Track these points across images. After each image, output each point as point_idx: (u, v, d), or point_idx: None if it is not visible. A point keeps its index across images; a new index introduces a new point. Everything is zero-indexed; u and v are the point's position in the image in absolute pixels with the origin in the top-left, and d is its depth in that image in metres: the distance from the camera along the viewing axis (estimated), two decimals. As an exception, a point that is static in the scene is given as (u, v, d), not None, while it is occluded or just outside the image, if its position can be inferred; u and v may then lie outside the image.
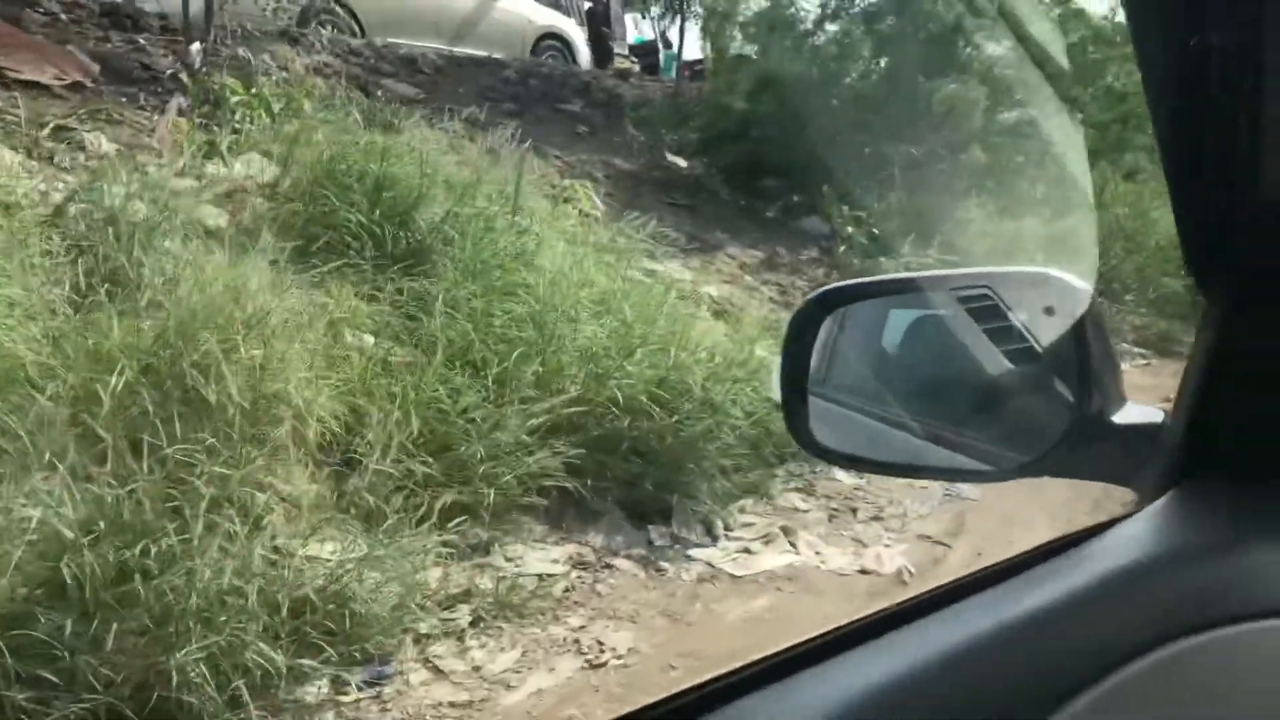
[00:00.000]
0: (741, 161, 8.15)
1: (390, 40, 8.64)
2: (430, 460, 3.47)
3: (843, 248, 7.41)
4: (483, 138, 6.01)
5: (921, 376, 1.08)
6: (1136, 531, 0.74)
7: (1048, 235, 7.18)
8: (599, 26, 12.84)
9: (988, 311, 0.96)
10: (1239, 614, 0.66)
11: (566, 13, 11.79)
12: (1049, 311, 0.90)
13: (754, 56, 8.88)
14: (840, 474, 4.59)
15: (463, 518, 3.37)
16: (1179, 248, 0.75)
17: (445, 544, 3.27)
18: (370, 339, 3.95)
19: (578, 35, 11.46)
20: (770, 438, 4.41)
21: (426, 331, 4.04)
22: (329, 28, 8.26)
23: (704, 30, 10.00)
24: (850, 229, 7.42)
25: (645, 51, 14.81)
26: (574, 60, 11.03)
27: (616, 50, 13.27)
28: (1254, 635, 0.66)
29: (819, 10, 8.90)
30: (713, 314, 5.84)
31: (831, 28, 9.02)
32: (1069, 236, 6.71)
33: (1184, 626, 0.66)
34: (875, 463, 0.96)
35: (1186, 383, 0.79)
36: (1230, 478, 0.76)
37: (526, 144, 6.10)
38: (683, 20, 12.52)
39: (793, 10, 8.95)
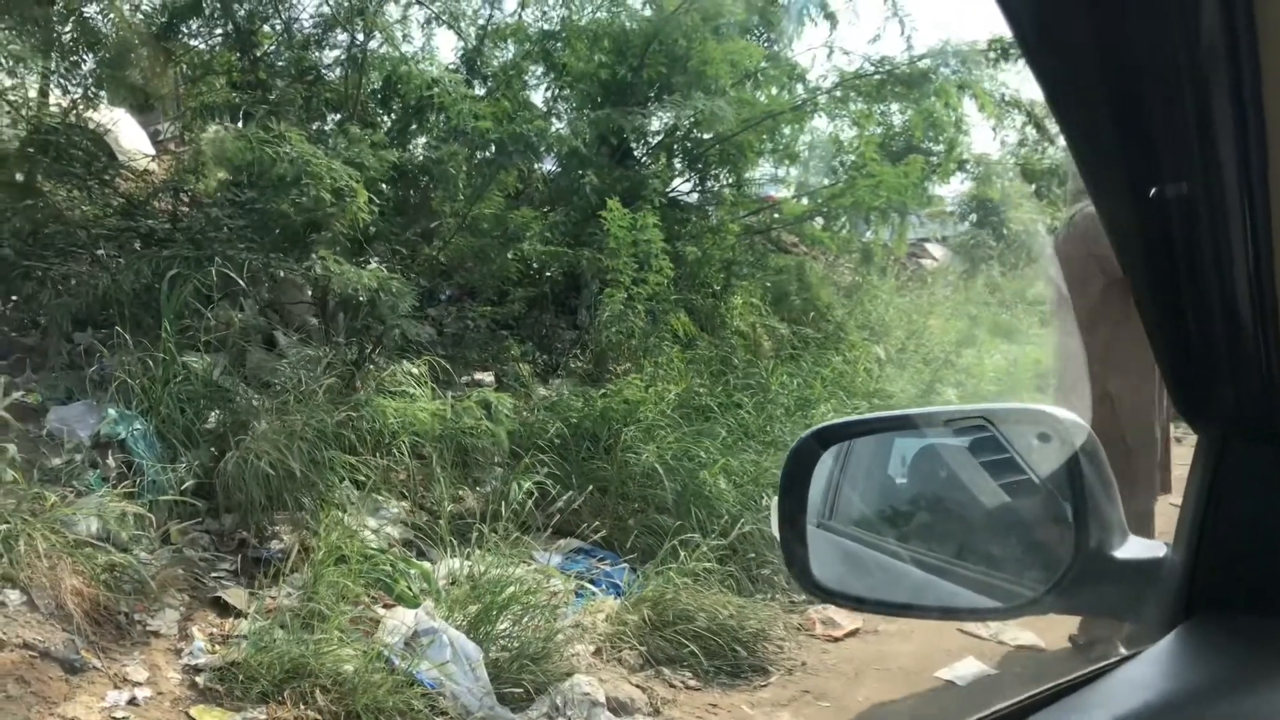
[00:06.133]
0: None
1: None
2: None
3: None
4: None
5: (927, 507, 1.08)
6: (1142, 674, 0.72)
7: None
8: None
9: (987, 444, 0.96)
10: None
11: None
12: (1043, 439, 0.90)
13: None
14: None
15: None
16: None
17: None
18: None
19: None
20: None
21: None
22: None
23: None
24: None
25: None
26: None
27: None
28: None
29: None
30: None
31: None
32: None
33: None
34: (878, 603, 0.94)
35: (1184, 517, 0.78)
36: (1234, 614, 0.74)
37: None
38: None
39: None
